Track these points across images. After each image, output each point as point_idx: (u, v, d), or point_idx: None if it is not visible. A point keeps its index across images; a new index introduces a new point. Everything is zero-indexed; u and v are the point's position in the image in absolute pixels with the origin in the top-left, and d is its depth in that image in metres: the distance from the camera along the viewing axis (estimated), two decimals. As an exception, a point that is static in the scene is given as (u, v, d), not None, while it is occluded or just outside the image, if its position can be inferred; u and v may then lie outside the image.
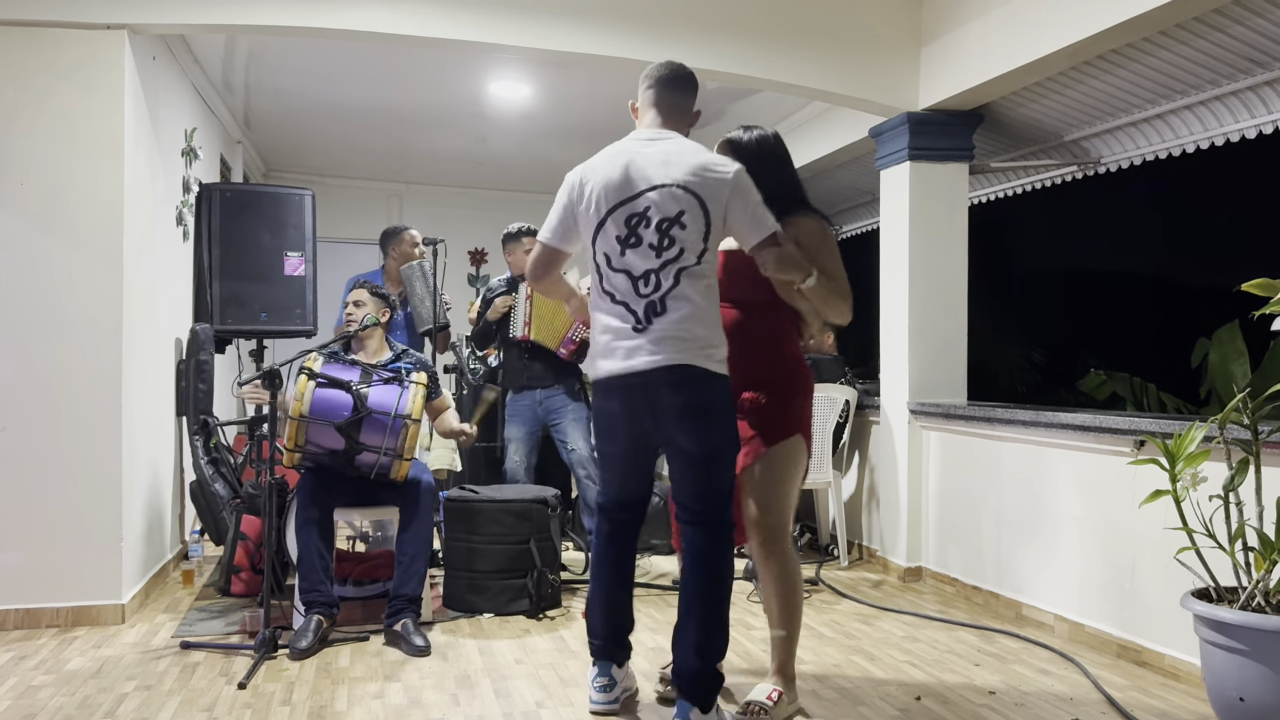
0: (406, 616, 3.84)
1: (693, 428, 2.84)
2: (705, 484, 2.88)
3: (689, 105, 3.09)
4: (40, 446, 4.05)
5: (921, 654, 3.79)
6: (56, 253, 4.07)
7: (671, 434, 2.88)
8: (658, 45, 4.60)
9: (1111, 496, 3.80)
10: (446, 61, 5.63)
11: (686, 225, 2.83)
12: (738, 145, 3.12)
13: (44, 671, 3.48)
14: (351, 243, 8.64)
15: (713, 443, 2.86)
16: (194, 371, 4.89)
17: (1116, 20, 3.76)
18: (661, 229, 2.83)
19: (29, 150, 4.06)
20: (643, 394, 2.86)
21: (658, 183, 2.86)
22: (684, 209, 2.83)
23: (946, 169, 5.14)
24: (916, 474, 5.06)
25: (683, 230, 2.83)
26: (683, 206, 2.83)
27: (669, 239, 2.83)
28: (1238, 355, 6.86)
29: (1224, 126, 4.48)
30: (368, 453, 3.81)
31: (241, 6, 4.21)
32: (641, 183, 2.88)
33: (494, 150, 7.78)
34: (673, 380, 2.81)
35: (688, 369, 2.80)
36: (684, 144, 2.95)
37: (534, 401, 5.01)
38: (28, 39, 4.05)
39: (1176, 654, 3.49)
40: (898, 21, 4.99)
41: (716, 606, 2.87)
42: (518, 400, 5.05)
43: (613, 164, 2.95)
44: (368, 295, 4.17)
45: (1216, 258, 10.07)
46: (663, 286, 2.83)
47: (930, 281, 5.07)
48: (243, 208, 5.02)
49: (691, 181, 2.84)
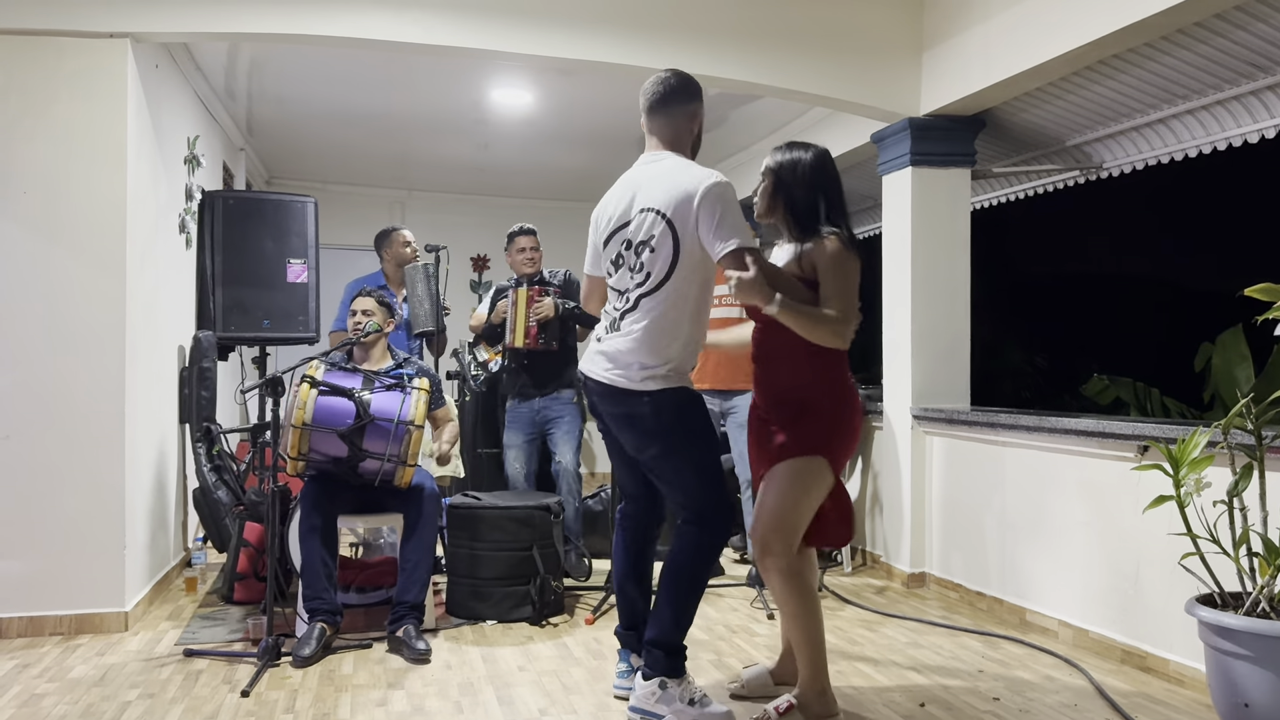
0: (409, 623, 3.84)
1: (625, 436, 3.14)
2: (663, 486, 3.15)
3: (683, 118, 3.12)
4: (43, 454, 4.05)
5: (925, 660, 3.79)
6: (59, 260, 4.08)
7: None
8: (659, 52, 4.61)
9: (1115, 502, 3.80)
10: (448, 68, 5.64)
11: (655, 249, 2.97)
12: (770, 169, 3.10)
13: (48, 679, 3.48)
14: (354, 249, 8.63)
15: (644, 452, 3.11)
16: (197, 379, 4.89)
17: (1118, 26, 3.75)
18: (638, 252, 3.01)
19: (32, 158, 4.07)
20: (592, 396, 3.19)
21: (641, 206, 3.03)
22: (655, 233, 2.97)
23: (949, 174, 5.13)
24: (920, 479, 5.05)
25: (652, 254, 2.98)
26: (654, 230, 2.98)
27: (640, 263, 3.02)
28: (1241, 360, 6.85)
29: (1226, 131, 4.48)
30: (371, 459, 3.81)
31: (244, 14, 4.22)
32: (632, 208, 3.06)
33: (496, 157, 7.78)
34: (599, 391, 3.11)
35: (607, 386, 3.06)
36: (671, 165, 3.04)
37: (532, 410, 5.02)
38: (31, 48, 4.06)
39: (1181, 660, 3.48)
40: (899, 27, 4.99)
41: (668, 588, 3.08)
42: (517, 407, 5.06)
43: (616, 191, 3.16)
44: (375, 305, 4.17)
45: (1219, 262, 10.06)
46: (626, 306, 3.06)
47: (933, 286, 5.07)
48: (245, 215, 5.02)
49: (664, 204, 2.96)
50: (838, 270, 2.92)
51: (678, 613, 3.07)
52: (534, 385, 5.01)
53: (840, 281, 2.91)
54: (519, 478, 5.03)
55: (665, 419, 3.01)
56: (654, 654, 3.06)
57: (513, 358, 5.10)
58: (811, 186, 3.03)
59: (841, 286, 2.91)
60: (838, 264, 2.92)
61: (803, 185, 3.03)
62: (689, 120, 3.12)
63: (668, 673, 3.04)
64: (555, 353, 4.92)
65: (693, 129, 3.14)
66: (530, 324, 4.85)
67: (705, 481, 3.08)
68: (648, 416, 3.01)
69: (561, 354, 4.95)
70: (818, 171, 3.04)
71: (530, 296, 4.87)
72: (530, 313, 4.86)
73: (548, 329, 4.87)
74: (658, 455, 3.08)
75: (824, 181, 3.05)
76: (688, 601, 3.10)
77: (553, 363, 4.97)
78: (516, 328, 4.91)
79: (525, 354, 4.97)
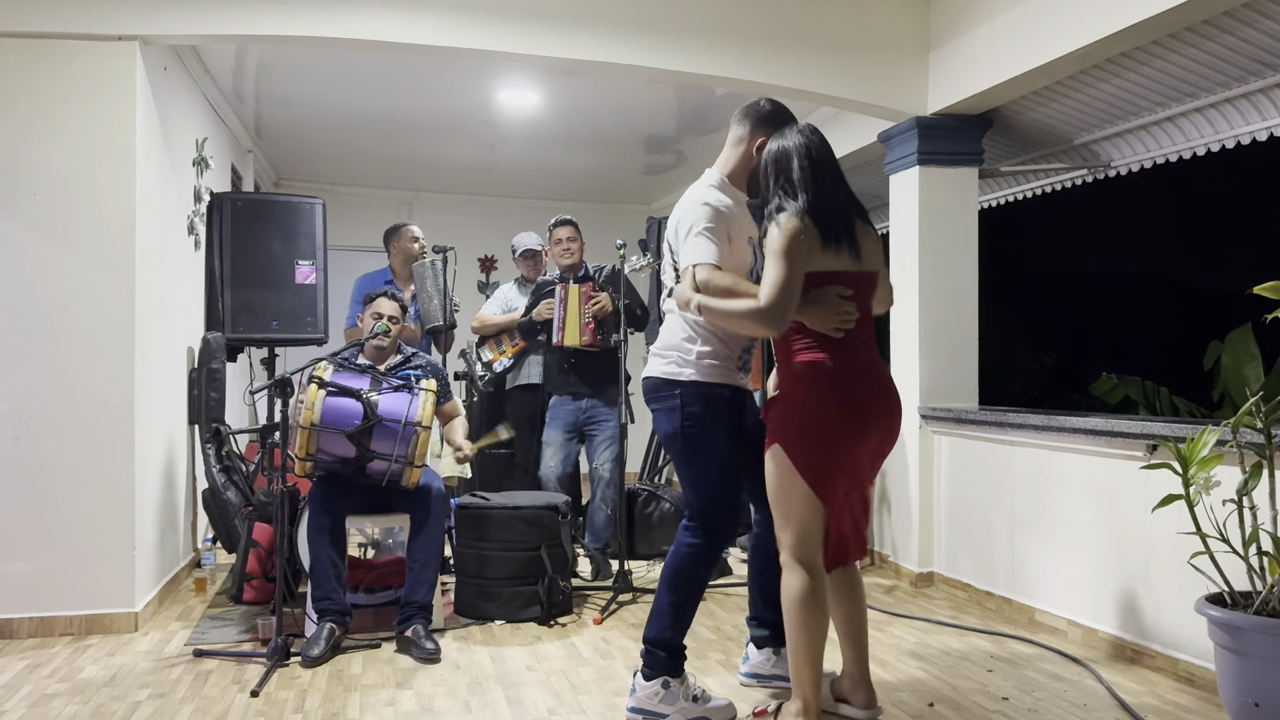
0: (418, 622, 3.85)
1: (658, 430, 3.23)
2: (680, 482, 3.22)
3: (739, 135, 3.20)
4: (53, 455, 4.07)
5: (934, 660, 3.78)
6: (69, 263, 4.09)
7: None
8: (665, 52, 4.62)
9: (1124, 501, 3.79)
10: (455, 70, 5.65)
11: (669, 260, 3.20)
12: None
13: (58, 680, 3.50)
14: (362, 250, 8.66)
15: (667, 445, 3.17)
16: (206, 380, 4.91)
17: (1125, 24, 3.75)
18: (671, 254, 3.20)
19: (41, 161, 4.08)
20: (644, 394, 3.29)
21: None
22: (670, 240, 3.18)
23: (956, 173, 5.13)
24: (928, 479, 5.05)
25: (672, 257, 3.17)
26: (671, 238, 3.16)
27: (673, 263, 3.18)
28: (1250, 358, 6.82)
29: (1234, 129, 4.46)
30: (379, 460, 3.82)
31: (252, 17, 4.24)
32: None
33: (503, 158, 7.80)
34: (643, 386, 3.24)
35: (648, 378, 3.19)
36: (698, 181, 3.21)
37: (577, 408, 5.01)
38: (40, 51, 4.08)
39: (1190, 659, 3.47)
40: (906, 26, 4.99)
41: (668, 590, 3.12)
42: (561, 404, 5.05)
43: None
44: (396, 308, 4.20)
45: (1228, 261, 10.01)
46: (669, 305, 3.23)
47: (940, 286, 5.06)
48: (254, 216, 5.03)
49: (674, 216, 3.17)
50: (770, 257, 2.83)
51: (678, 613, 3.10)
52: (583, 384, 4.99)
53: (771, 268, 2.81)
54: (552, 477, 5.01)
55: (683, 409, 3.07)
56: (656, 654, 3.09)
57: (557, 357, 5.09)
58: (765, 173, 3.01)
59: (771, 273, 2.80)
60: (770, 250, 2.83)
61: (760, 173, 3.04)
62: (734, 145, 3.20)
63: (670, 672, 3.08)
64: (602, 352, 4.91)
65: (736, 153, 3.19)
66: (587, 320, 4.84)
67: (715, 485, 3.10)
68: (664, 408, 3.12)
69: (609, 353, 4.94)
70: (771, 156, 2.98)
71: (585, 293, 4.86)
72: (587, 309, 4.84)
73: (604, 325, 4.86)
74: (675, 450, 3.13)
75: (773, 165, 2.98)
76: (688, 603, 3.11)
77: (602, 362, 4.96)
78: (568, 325, 4.89)
79: (573, 353, 4.96)
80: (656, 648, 3.09)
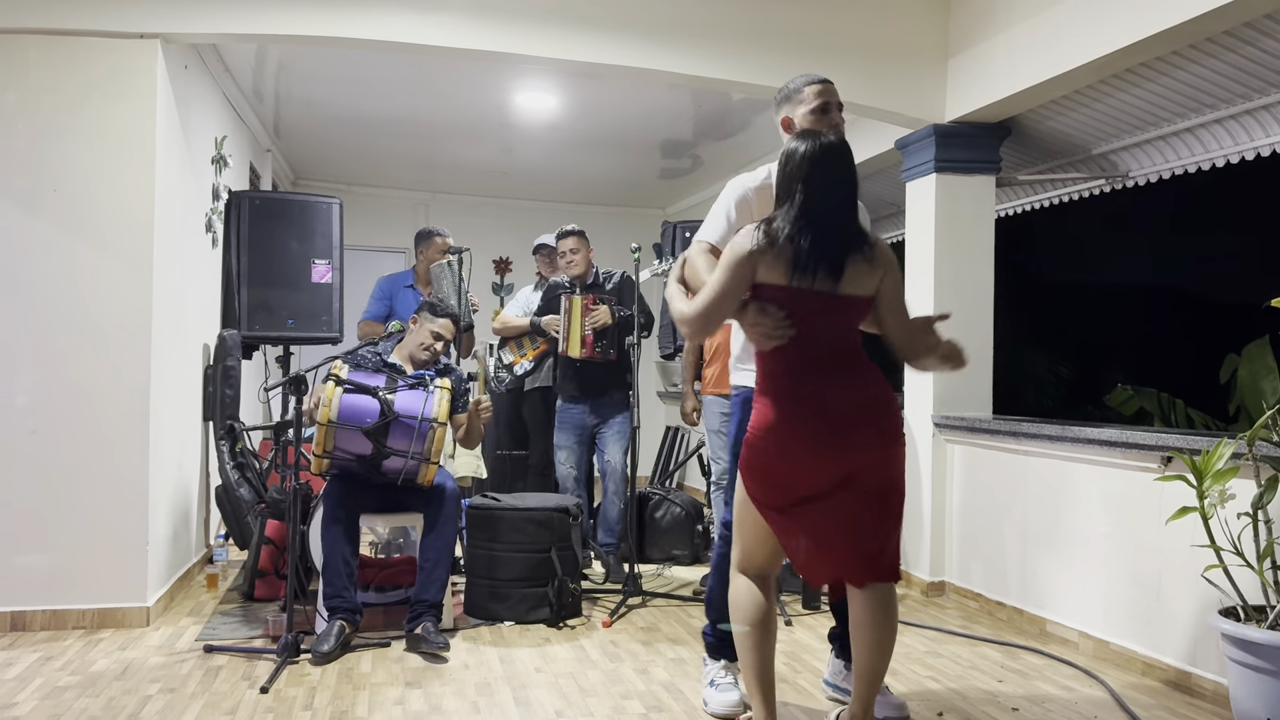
0: (427, 621, 3.86)
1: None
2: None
3: (780, 120, 3.21)
4: (69, 449, 4.09)
5: (944, 669, 3.77)
6: (87, 258, 4.12)
7: None
8: (684, 57, 4.62)
9: (1138, 513, 3.77)
10: (474, 72, 5.67)
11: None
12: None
13: (70, 672, 3.52)
14: (378, 251, 8.71)
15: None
16: (221, 377, 4.93)
17: (1144, 34, 3.73)
18: None
19: (62, 157, 4.11)
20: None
21: None
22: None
23: (973, 181, 5.11)
24: (940, 488, 5.03)
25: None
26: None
27: None
28: (1267, 371, 6.78)
29: (1255, 141, 4.44)
30: (395, 457, 3.84)
31: (273, 16, 4.26)
32: None
33: (520, 160, 7.82)
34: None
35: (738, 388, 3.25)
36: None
37: (583, 412, 5.03)
38: (63, 48, 4.11)
39: (1203, 673, 3.45)
40: (924, 33, 4.98)
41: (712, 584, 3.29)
42: (568, 409, 5.07)
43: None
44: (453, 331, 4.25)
45: (1246, 273, 9.95)
46: None
47: (956, 294, 5.04)
48: (271, 215, 5.06)
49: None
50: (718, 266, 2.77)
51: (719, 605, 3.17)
52: (588, 390, 5.02)
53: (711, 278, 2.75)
54: (569, 479, 5.06)
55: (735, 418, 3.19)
56: (707, 637, 3.35)
57: (564, 363, 5.11)
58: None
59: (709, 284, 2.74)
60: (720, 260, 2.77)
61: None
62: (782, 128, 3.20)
63: (708, 653, 3.34)
64: (606, 361, 4.93)
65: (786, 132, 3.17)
66: (586, 333, 4.85)
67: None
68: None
69: (617, 360, 4.94)
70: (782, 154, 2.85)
71: (584, 306, 4.87)
72: (585, 322, 4.85)
73: (605, 337, 4.87)
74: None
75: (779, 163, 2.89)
76: (722, 599, 3.09)
77: (607, 370, 4.97)
78: (571, 337, 4.91)
79: (578, 361, 4.98)
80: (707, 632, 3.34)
